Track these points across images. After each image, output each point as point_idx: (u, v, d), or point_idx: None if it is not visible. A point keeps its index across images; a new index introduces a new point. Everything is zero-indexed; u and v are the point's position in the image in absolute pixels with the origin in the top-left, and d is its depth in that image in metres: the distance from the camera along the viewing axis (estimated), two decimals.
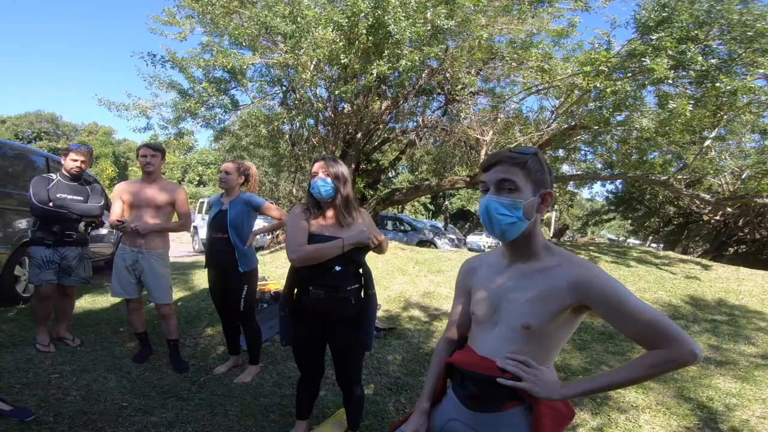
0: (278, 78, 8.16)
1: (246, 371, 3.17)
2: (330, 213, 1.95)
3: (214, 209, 3.03)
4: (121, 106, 8.26)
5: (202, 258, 9.15)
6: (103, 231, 5.92)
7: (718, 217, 11.67)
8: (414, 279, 6.33)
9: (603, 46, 6.43)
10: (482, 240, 23.50)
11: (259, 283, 3.93)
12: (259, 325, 3.23)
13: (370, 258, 2.11)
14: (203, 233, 12.61)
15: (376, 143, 10.60)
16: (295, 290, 2.00)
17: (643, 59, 5.79)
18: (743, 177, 9.20)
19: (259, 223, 4.02)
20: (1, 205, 3.95)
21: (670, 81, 6.18)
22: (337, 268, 1.86)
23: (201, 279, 6.59)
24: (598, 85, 5.95)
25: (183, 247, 13.79)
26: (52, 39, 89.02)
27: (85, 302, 4.69)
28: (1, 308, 4.07)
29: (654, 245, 24.20)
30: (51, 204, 3.11)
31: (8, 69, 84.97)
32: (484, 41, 6.63)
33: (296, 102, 8.63)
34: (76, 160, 3.24)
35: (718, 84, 5.59)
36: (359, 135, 9.26)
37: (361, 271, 2.00)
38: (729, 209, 9.84)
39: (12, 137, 37.95)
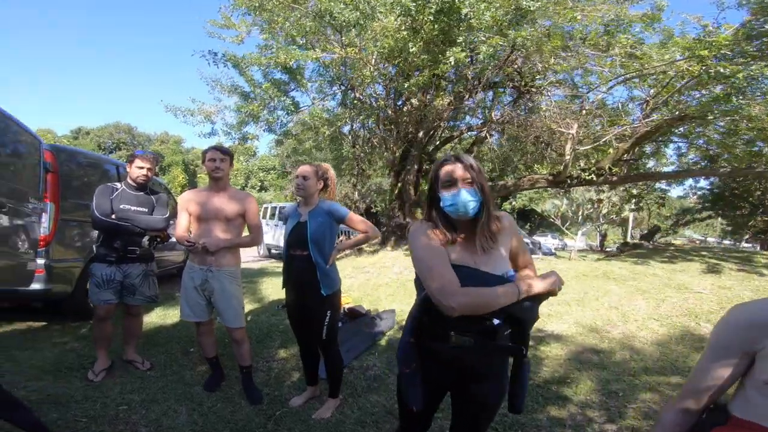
0: (337, 76, 7.86)
1: (325, 405, 2.75)
2: (466, 233, 1.40)
3: (291, 222, 2.60)
4: (187, 112, 8.46)
5: (269, 264, 9.03)
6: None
7: None
8: None
9: (716, 29, 5.52)
10: (548, 241, 21.96)
11: None
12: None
13: None
14: (268, 238, 12.83)
15: (438, 142, 10.00)
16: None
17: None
18: None
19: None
20: (74, 216, 3.84)
21: None
22: (496, 322, 1.29)
23: (270, 288, 6.38)
24: (721, 70, 5.02)
25: (247, 251, 13.98)
26: (125, 53, 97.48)
27: (156, 316, 4.55)
28: (73, 323, 3.99)
29: (749, 245, 21.29)
30: (114, 216, 2.85)
31: (91, 83, 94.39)
32: (574, 25, 5.87)
33: (354, 102, 8.31)
34: (142, 168, 2.98)
35: None
36: (421, 134, 8.74)
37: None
38: None
39: (95, 148, 41.58)
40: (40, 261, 3.39)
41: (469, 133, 9.51)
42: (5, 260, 2.80)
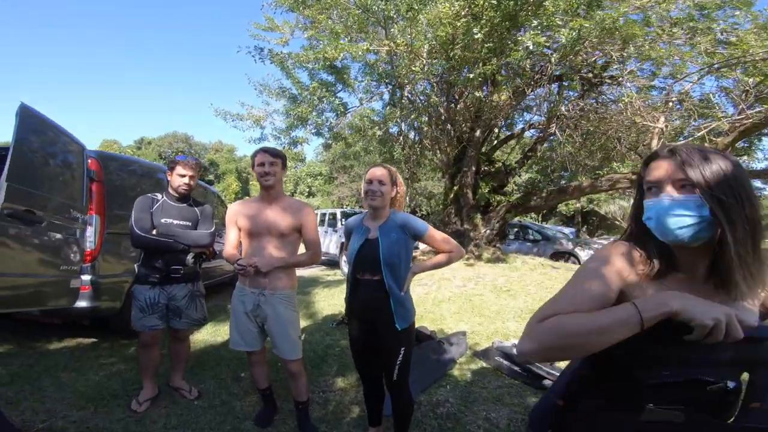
0: (385, 74, 7.44)
1: None
2: (695, 268, 0.86)
3: (358, 238, 2.13)
4: (236, 116, 8.40)
5: (319, 272, 8.69)
6: None
7: None
8: None
9: None
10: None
11: None
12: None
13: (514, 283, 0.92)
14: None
15: (495, 141, 9.30)
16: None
17: None
18: None
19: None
20: (124, 229, 3.62)
21: None
22: (731, 385, 0.79)
23: (323, 301, 6.03)
24: None
25: None
26: (180, 63, 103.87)
27: (206, 333, 4.30)
28: (122, 341, 3.80)
29: None
30: (154, 232, 2.54)
31: (152, 95, 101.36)
32: (661, 7, 5.06)
33: (400, 101, 7.86)
34: (183, 176, 2.65)
35: None
36: (477, 132, 8.10)
37: None
38: None
39: (156, 158, 44.12)
40: (86, 277, 3.19)
41: (530, 130, 8.74)
42: (45, 277, 2.58)
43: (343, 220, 10.56)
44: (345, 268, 9.23)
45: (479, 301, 5.17)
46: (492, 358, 3.58)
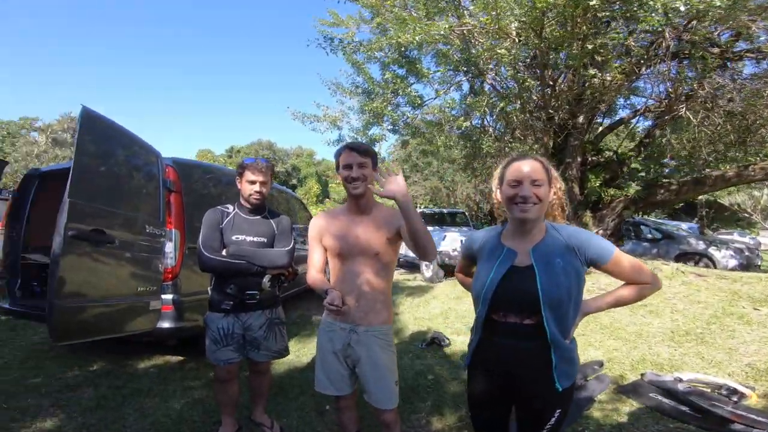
0: (464, 59, 6.67)
1: None
2: None
3: (493, 264, 1.47)
4: (313, 117, 8.26)
5: (399, 276, 8.16)
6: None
7: None
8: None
9: None
10: (740, 239, 17.12)
11: None
12: None
13: None
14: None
15: (600, 128, 8.06)
16: None
17: None
18: None
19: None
20: None
21: None
22: None
23: (407, 312, 5.51)
24: None
25: None
26: (261, 70, 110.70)
27: (290, 355, 3.99)
28: (207, 361, 3.58)
29: None
30: (225, 251, 2.17)
31: (239, 105, 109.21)
32: None
33: (482, 90, 7.06)
34: (254, 182, 2.24)
35: None
36: (580, 118, 7.00)
37: None
38: None
39: None
40: (167, 296, 2.97)
41: (648, 113, 7.40)
42: (121, 301, 2.36)
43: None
44: (426, 272, 8.58)
45: (609, 320, 4.23)
46: (645, 395, 2.81)
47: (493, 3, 5.15)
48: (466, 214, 13.84)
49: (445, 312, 5.34)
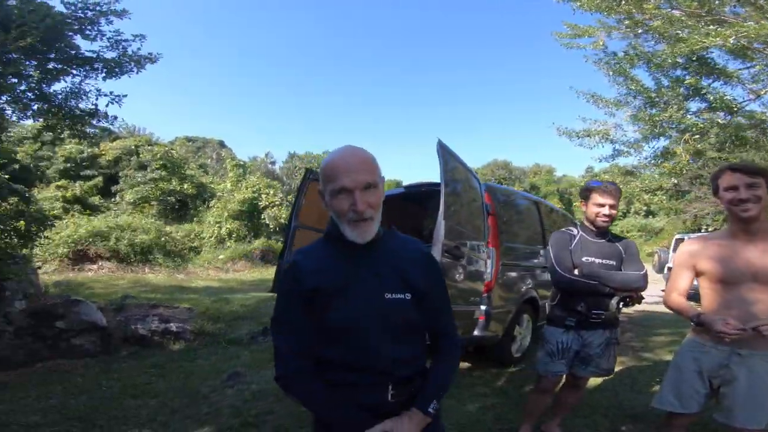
0: None
1: None
2: None
3: None
4: (582, 133, 7.67)
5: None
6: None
7: None
8: None
9: None
10: None
11: None
12: None
13: None
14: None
15: None
16: None
17: None
18: None
19: None
20: (508, 260, 3.66)
21: None
22: None
23: None
24: None
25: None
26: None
27: None
28: (493, 369, 3.84)
29: None
30: (577, 271, 2.24)
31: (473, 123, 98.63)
32: None
33: None
34: (602, 205, 2.24)
35: None
36: None
37: None
38: None
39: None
40: (483, 307, 3.36)
41: None
42: (458, 308, 2.77)
43: None
44: None
45: None
46: None
47: None
48: None
49: None
